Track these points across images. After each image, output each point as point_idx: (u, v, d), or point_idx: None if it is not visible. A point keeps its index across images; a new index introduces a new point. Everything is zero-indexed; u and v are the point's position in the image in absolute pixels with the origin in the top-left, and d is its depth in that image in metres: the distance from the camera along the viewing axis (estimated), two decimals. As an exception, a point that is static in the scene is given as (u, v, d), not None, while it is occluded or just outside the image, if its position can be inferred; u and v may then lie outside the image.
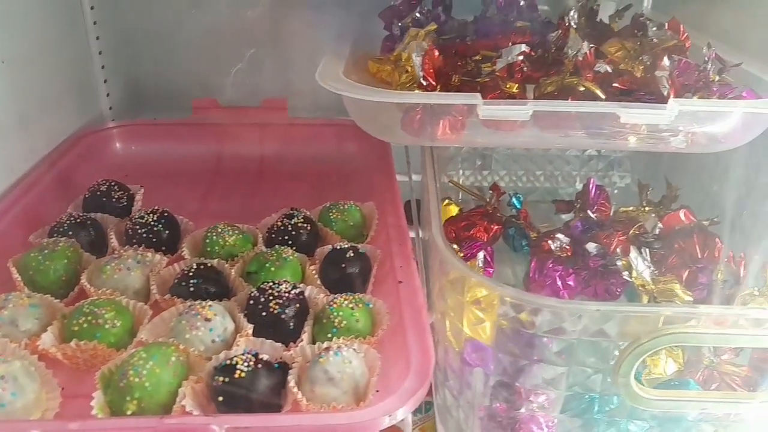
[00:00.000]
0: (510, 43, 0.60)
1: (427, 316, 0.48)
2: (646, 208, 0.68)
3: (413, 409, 0.41)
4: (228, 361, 0.44)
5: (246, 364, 0.44)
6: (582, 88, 0.53)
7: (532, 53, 0.57)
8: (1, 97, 0.64)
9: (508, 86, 0.54)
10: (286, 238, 0.61)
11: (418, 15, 0.73)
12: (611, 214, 0.69)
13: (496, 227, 0.65)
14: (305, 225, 0.62)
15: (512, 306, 0.37)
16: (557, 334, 0.37)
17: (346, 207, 0.65)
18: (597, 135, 0.51)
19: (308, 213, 0.65)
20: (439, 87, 0.53)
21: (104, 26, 0.84)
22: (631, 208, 0.68)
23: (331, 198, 0.68)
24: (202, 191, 0.77)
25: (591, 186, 0.66)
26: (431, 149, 0.56)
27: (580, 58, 0.55)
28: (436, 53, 0.53)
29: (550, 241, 0.60)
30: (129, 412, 0.42)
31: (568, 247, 0.60)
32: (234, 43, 0.87)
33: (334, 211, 0.65)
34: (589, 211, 0.64)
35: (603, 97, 0.53)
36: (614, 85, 0.56)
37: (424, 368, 0.43)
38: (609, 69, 0.55)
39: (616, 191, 0.82)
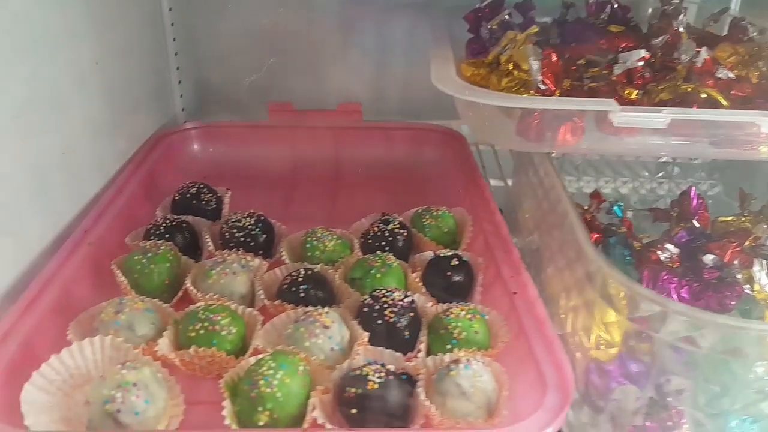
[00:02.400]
0: (618, 48, 0.59)
1: (552, 329, 0.47)
2: (747, 218, 0.65)
3: (561, 427, 0.39)
4: (358, 371, 0.43)
5: (377, 374, 0.43)
6: (704, 95, 0.52)
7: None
8: (95, 97, 0.64)
9: (626, 92, 0.52)
10: (383, 243, 0.60)
11: (507, 17, 0.72)
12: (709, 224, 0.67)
13: (596, 236, 0.63)
14: (402, 231, 0.61)
15: (684, 325, 0.36)
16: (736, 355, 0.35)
17: (439, 213, 0.64)
18: (725, 144, 0.49)
19: (401, 218, 0.64)
20: (558, 92, 0.51)
21: (180, 28, 0.83)
22: (730, 218, 0.66)
23: (409, 203, 0.67)
24: (282, 194, 0.76)
25: (692, 195, 0.64)
26: (548, 155, 0.55)
27: (699, 64, 0.53)
28: (554, 57, 0.51)
29: (659, 252, 0.58)
30: (261, 423, 0.41)
31: (677, 257, 0.58)
32: (307, 47, 0.87)
33: (427, 216, 0.64)
34: (694, 221, 0.62)
35: (726, 104, 0.52)
36: (732, 92, 0.54)
37: (565, 384, 0.41)
38: (732, 75, 0.53)
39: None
